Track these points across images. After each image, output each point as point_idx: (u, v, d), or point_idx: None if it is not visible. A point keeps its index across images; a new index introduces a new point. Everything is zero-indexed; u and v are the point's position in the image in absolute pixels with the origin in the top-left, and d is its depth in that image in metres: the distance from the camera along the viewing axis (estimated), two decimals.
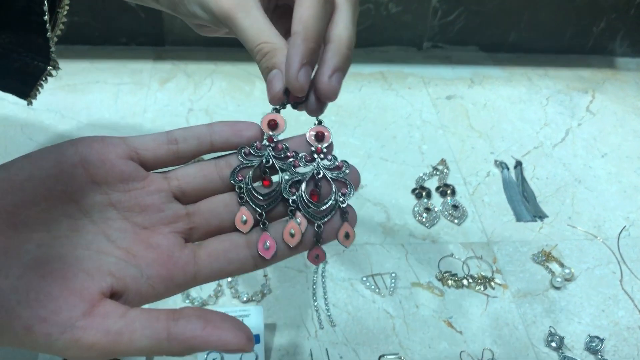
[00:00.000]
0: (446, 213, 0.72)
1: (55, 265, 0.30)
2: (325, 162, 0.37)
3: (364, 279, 0.64)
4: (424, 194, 0.74)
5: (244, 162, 0.36)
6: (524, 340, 0.60)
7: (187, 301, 0.60)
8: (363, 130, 0.84)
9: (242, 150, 0.36)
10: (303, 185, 0.36)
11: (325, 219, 0.35)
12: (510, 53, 1.04)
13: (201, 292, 0.61)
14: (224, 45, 0.99)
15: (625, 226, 0.73)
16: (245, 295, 0.61)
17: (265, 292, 0.61)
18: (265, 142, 0.37)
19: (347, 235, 0.36)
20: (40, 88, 0.52)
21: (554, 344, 0.59)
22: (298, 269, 0.64)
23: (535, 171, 0.80)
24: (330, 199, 0.36)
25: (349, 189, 0.36)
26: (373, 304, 0.62)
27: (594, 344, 0.59)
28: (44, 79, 0.51)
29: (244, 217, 0.35)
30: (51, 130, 0.80)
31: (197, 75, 0.93)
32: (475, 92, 0.94)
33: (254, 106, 0.87)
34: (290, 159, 0.36)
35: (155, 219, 0.35)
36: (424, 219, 0.71)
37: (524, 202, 0.74)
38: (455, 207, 0.73)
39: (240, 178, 0.36)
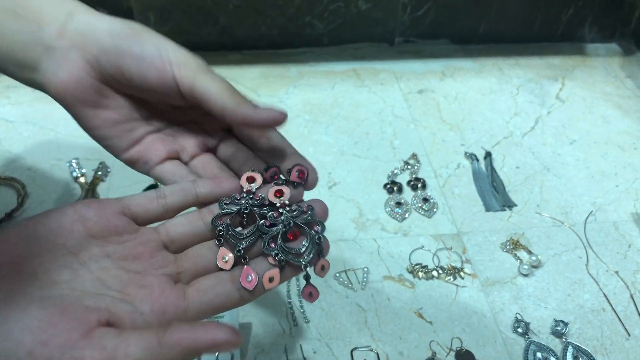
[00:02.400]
0: (417, 206, 0.74)
1: (55, 301, 0.33)
2: (290, 213, 0.41)
3: (337, 275, 0.66)
4: (395, 188, 0.76)
5: (224, 209, 0.40)
6: (492, 328, 0.62)
7: None
8: (336, 127, 0.86)
9: (223, 201, 0.41)
10: (279, 239, 0.39)
11: (308, 259, 0.39)
12: (481, 44, 1.05)
13: None
14: (198, 49, 1.00)
15: (591, 211, 0.75)
16: None
17: None
18: (244, 194, 0.41)
19: (322, 268, 0.41)
20: None
21: (520, 330, 0.61)
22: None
23: (505, 161, 0.82)
24: (305, 242, 0.40)
25: (319, 227, 0.41)
26: (346, 299, 0.64)
27: (558, 328, 0.61)
28: None
29: (225, 257, 0.39)
30: (29, 142, 0.82)
31: None
32: (447, 85, 0.96)
33: None
34: (262, 221, 0.40)
35: (147, 265, 0.38)
36: (395, 213, 0.73)
37: (493, 192, 0.76)
38: (425, 200, 0.75)
39: (220, 222, 0.40)
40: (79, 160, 0.78)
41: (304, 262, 0.39)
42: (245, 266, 0.38)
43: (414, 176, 0.78)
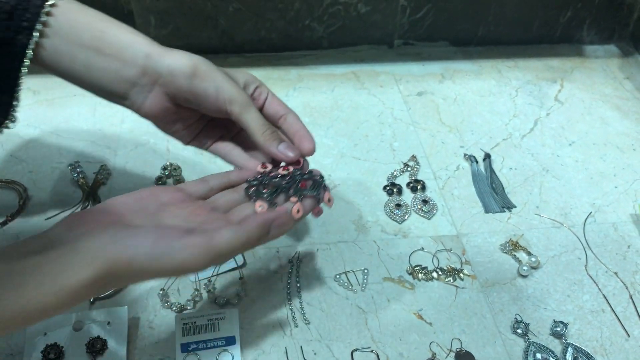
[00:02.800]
0: (416, 208, 0.74)
1: (155, 226, 0.48)
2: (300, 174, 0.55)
3: (337, 276, 0.66)
4: (394, 190, 0.76)
5: (251, 183, 0.55)
6: (492, 329, 0.62)
7: (166, 306, 0.62)
8: (336, 130, 0.87)
9: (250, 180, 0.55)
10: (294, 187, 0.54)
11: (320, 188, 0.54)
12: (480, 46, 1.06)
13: (179, 297, 0.63)
14: (199, 52, 1.01)
15: (591, 212, 0.75)
16: (223, 299, 0.63)
17: (241, 294, 0.64)
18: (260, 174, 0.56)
19: (329, 200, 0.55)
20: None
21: (520, 331, 0.61)
22: (273, 270, 0.67)
23: (504, 162, 0.82)
24: (313, 182, 0.54)
25: (320, 177, 0.55)
26: (346, 301, 0.64)
27: (558, 329, 0.61)
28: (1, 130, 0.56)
29: (261, 206, 0.52)
30: (31, 145, 0.82)
31: None
32: (446, 87, 0.96)
33: None
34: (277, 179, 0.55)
35: (206, 218, 0.51)
36: (395, 215, 0.73)
37: (492, 193, 0.77)
38: (425, 201, 0.75)
39: (251, 188, 0.54)
40: (80, 163, 0.78)
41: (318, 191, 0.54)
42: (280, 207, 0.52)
43: (413, 178, 0.79)
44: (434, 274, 0.67)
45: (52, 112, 0.88)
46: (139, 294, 0.63)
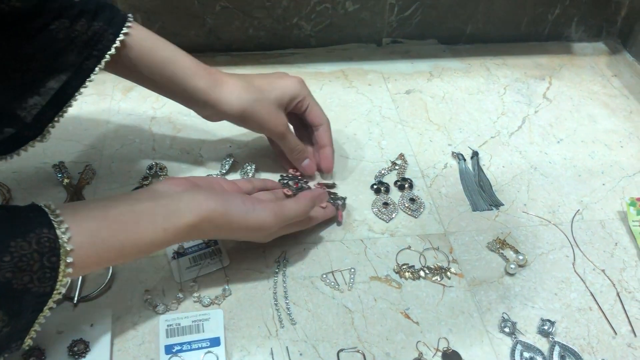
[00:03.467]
0: (404, 207, 0.74)
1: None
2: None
3: (324, 275, 0.66)
4: (382, 189, 0.76)
5: (284, 177, 0.76)
6: (479, 328, 0.62)
7: (150, 308, 0.61)
8: None
9: (282, 180, 0.76)
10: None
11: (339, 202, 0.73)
12: (469, 44, 1.05)
13: (164, 298, 0.63)
14: (186, 51, 1.00)
15: (578, 210, 0.75)
16: (207, 299, 0.62)
17: (226, 294, 0.63)
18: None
19: (340, 216, 0.73)
20: (22, 151, 0.65)
21: (507, 330, 0.61)
22: (259, 270, 0.66)
23: (492, 160, 0.82)
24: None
25: (341, 199, 0.75)
26: (332, 300, 0.64)
27: (545, 327, 0.61)
28: (31, 144, 0.64)
29: (288, 192, 0.70)
30: None
31: None
32: (434, 85, 0.96)
33: None
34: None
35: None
36: (382, 214, 0.73)
37: (480, 191, 0.76)
38: (412, 200, 0.74)
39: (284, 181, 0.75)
40: (65, 163, 0.77)
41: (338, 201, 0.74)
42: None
43: (400, 176, 0.78)
44: (421, 273, 0.66)
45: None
46: (123, 295, 0.63)
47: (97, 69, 0.63)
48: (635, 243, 0.71)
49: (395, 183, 0.77)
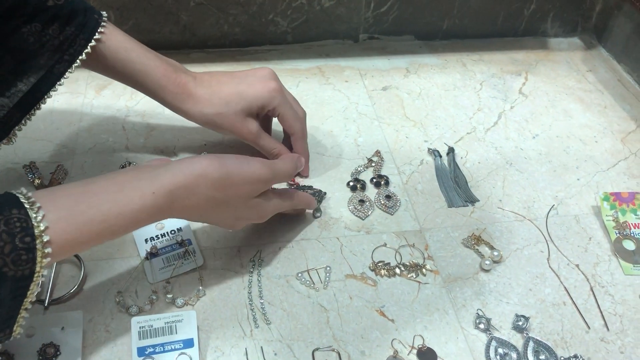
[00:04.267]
0: (379, 204, 0.74)
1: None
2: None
3: (299, 274, 0.66)
4: (358, 186, 0.76)
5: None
6: (454, 324, 0.62)
7: (123, 309, 0.60)
8: None
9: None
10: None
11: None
12: (445, 40, 1.05)
13: (137, 299, 0.62)
14: (161, 48, 0.99)
15: (553, 205, 0.76)
16: (181, 300, 0.61)
17: (200, 295, 0.62)
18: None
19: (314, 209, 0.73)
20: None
21: (481, 326, 0.61)
22: (234, 270, 0.66)
23: (468, 156, 0.82)
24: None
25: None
26: (308, 299, 0.63)
27: (520, 323, 0.61)
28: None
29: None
30: None
31: None
32: (411, 82, 0.96)
33: None
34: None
35: None
36: (358, 211, 0.73)
37: (455, 188, 0.76)
38: (388, 197, 0.74)
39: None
40: (36, 163, 0.76)
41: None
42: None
43: (376, 173, 0.78)
44: (397, 270, 0.66)
45: None
46: (96, 297, 0.62)
47: (67, 73, 0.63)
48: (609, 237, 0.71)
49: (372, 180, 0.77)
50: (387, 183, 0.77)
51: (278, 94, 0.71)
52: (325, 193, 0.74)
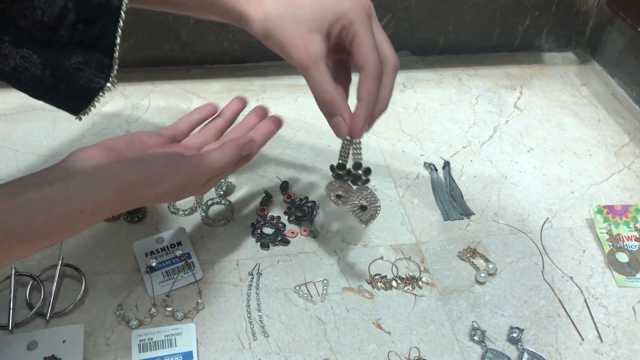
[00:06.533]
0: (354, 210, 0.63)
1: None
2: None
3: (297, 287, 0.66)
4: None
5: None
6: (450, 336, 0.63)
7: (123, 323, 0.61)
8: (299, 140, 0.87)
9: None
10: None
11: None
12: (441, 55, 1.07)
13: (137, 313, 0.63)
14: (161, 65, 1.01)
15: (547, 218, 0.77)
16: (180, 313, 0.62)
17: (199, 308, 0.63)
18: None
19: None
20: (96, 103, 0.59)
21: (477, 338, 0.62)
22: (233, 283, 0.67)
23: (464, 170, 0.83)
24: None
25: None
26: (305, 312, 0.64)
27: (514, 335, 0.62)
28: (102, 93, 0.59)
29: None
30: None
31: (134, 96, 0.94)
32: (407, 97, 0.97)
33: None
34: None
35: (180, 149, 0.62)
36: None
37: (451, 201, 0.78)
38: (362, 208, 0.63)
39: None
40: None
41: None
42: None
43: (357, 159, 0.61)
44: (393, 283, 0.67)
45: (10, 127, 0.87)
46: (96, 310, 0.63)
47: (124, 4, 0.57)
48: (602, 250, 0.72)
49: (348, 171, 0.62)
50: (367, 172, 0.60)
51: (360, 10, 0.53)
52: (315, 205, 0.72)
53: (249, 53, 1.01)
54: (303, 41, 0.53)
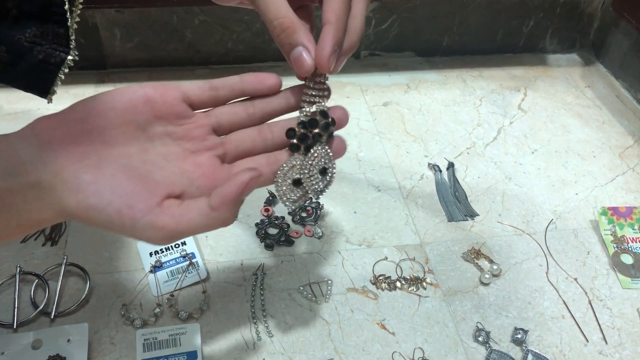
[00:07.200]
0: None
1: (134, 172, 0.41)
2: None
3: (301, 288, 0.67)
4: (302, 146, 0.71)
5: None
6: (454, 337, 0.63)
7: (128, 322, 0.61)
8: None
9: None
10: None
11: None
12: (445, 56, 1.07)
13: (142, 312, 0.63)
14: (165, 65, 1.01)
15: (552, 219, 0.77)
16: (185, 313, 0.62)
17: (204, 308, 0.63)
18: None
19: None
20: (59, 80, 0.56)
21: (481, 339, 0.62)
22: (237, 283, 0.67)
23: (468, 171, 0.83)
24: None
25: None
26: (310, 312, 0.64)
27: (519, 336, 0.62)
28: (64, 67, 0.55)
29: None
30: None
31: None
32: (411, 97, 0.97)
33: None
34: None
35: (200, 146, 0.46)
36: (293, 200, 0.66)
37: (455, 202, 0.78)
38: (323, 171, 0.48)
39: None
40: None
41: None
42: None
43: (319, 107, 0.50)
44: (398, 284, 0.67)
45: (15, 127, 0.86)
46: (101, 309, 0.63)
47: None
48: (607, 251, 0.72)
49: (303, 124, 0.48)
50: (333, 122, 0.47)
51: None
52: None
53: (253, 53, 1.01)
54: None
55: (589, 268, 0.71)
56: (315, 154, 0.47)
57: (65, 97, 0.92)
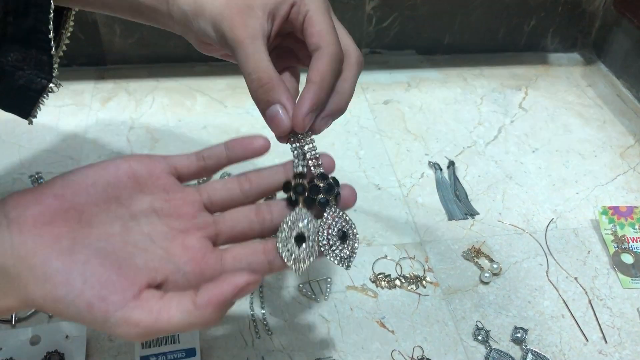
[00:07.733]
0: (329, 250, 0.47)
1: (112, 257, 0.37)
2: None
3: (301, 285, 0.66)
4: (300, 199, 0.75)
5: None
6: (454, 336, 0.62)
7: None
8: None
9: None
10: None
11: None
12: (446, 55, 1.07)
13: None
14: (165, 62, 1.00)
15: (552, 218, 0.76)
16: None
17: None
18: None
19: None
20: (41, 105, 0.54)
21: (480, 338, 0.62)
22: None
23: (468, 170, 0.83)
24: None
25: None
26: (309, 310, 0.64)
27: (518, 335, 0.62)
28: (45, 95, 0.53)
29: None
30: None
31: (138, 92, 0.94)
32: (412, 96, 0.97)
33: (195, 120, 0.89)
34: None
35: (190, 225, 0.42)
36: (294, 259, 0.70)
37: (455, 201, 0.77)
38: (343, 235, 0.45)
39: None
40: (42, 174, 0.77)
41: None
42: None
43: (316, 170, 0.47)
44: (397, 282, 0.67)
45: (14, 123, 0.86)
46: None
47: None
48: (607, 251, 0.72)
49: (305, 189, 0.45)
50: (337, 183, 0.45)
51: None
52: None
53: None
54: (241, 14, 0.43)
55: (589, 267, 0.70)
56: (334, 216, 0.43)
57: (65, 93, 0.92)
